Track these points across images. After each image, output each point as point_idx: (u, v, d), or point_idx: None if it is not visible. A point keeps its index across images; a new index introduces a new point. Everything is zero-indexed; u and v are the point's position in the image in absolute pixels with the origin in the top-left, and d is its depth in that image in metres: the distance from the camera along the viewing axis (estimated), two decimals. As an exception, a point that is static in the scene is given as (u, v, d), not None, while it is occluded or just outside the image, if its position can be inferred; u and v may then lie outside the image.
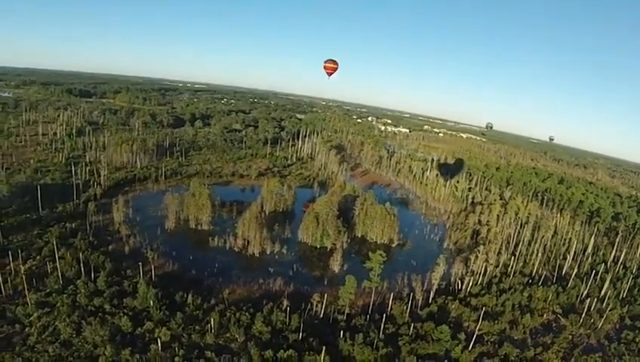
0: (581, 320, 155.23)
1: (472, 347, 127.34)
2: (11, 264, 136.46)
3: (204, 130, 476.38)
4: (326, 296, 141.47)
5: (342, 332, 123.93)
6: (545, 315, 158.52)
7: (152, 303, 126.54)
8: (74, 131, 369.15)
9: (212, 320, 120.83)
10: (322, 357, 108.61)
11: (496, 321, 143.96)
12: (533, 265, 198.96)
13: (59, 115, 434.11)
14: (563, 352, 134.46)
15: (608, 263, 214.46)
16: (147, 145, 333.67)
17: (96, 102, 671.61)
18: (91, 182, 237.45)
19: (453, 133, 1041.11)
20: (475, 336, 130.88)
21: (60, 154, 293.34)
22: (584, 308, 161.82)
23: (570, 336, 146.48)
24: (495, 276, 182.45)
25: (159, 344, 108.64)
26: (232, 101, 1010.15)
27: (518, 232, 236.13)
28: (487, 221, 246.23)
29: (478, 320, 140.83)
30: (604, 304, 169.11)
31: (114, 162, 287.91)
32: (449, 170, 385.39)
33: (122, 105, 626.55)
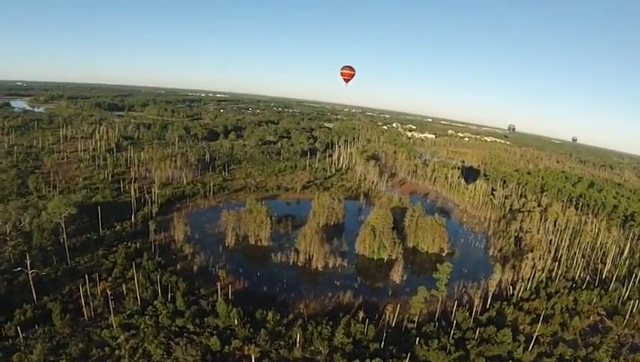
0: (625, 321, 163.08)
1: (531, 348, 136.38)
2: (87, 286, 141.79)
3: (239, 143, 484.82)
4: (392, 305, 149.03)
5: (417, 339, 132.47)
6: (591, 317, 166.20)
7: (235, 321, 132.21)
8: (113, 147, 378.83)
9: (297, 334, 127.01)
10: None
11: (548, 324, 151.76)
12: (575, 269, 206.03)
13: (94, 130, 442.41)
14: (612, 351, 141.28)
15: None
16: (189, 161, 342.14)
17: (127, 115, 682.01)
18: (142, 199, 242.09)
19: (477, 136, 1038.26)
20: (534, 339, 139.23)
21: (105, 171, 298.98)
22: (627, 309, 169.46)
23: (617, 336, 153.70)
24: (541, 281, 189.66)
25: (253, 360, 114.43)
26: (258, 111, 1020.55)
27: (558, 238, 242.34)
28: (529, 228, 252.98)
29: (532, 323, 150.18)
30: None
31: (158, 178, 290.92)
32: (482, 177, 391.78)
33: (154, 119, 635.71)
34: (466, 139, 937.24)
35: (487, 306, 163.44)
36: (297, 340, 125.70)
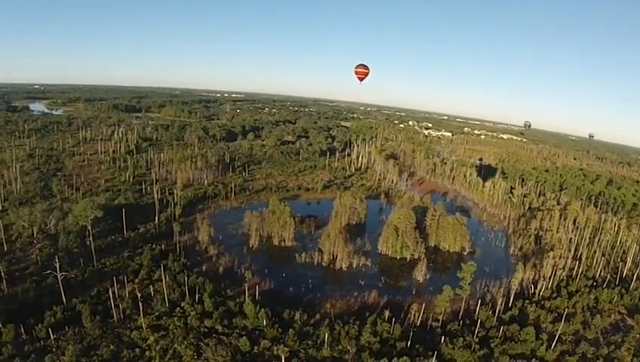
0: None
1: (554, 346, 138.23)
2: (115, 287, 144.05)
3: (258, 143, 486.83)
4: (418, 304, 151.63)
5: (442, 337, 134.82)
6: (612, 316, 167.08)
7: (264, 322, 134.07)
8: (132, 149, 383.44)
9: (325, 334, 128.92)
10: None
11: (570, 322, 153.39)
12: (595, 268, 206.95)
13: (113, 132, 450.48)
14: (634, 350, 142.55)
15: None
16: (209, 162, 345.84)
17: (145, 117, 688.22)
18: (164, 201, 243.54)
19: (493, 134, 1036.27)
20: (556, 337, 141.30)
21: (126, 173, 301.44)
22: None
23: (638, 335, 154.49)
24: (562, 280, 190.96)
25: (283, 360, 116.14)
26: (274, 110, 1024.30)
27: (578, 237, 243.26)
28: (549, 226, 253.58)
29: (554, 322, 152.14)
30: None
31: (180, 179, 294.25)
32: (500, 175, 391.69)
33: (172, 120, 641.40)
34: (483, 136, 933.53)
35: (510, 305, 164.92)
36: (325, 340, 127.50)
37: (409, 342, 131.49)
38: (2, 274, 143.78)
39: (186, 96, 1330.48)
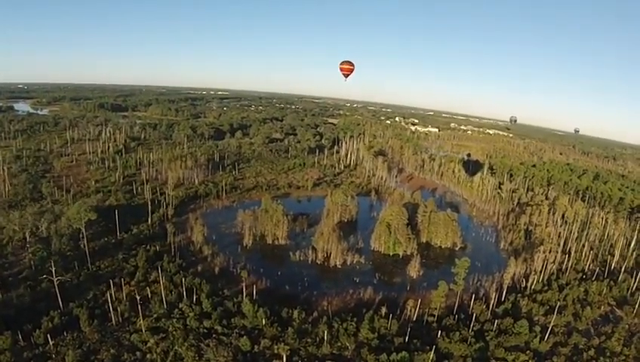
0: (635, 311, 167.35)
1: (547, 338, 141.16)
2: (112, 290, 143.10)
3: (246, 141, 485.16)
4: (413, 300, 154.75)
5: (439, 332, 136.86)
6: (602, 307, 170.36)
7: (263, 321, 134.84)
8: (121, 148, 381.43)
9: (323, 332, 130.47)
10: (431, 356, 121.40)
11: (561, 314, 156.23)
12: (584, 261, 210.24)
13: (100, 132, 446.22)
14: (623, 340, 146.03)
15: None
16: (199, 161, 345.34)
17: (132, 116, 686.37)
18: (155, 201, 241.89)
19: (480, 129, 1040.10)
20: (549, 329, 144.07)
21: (115, 173, 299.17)
22: (636, 299, 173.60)
23: (627, 326, 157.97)
24: (552, 273, 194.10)
25: (284, 359, 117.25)
26: (261, 107, 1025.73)
27: (567, 231, 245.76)
28: (539, 221, 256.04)
29: (546, 314, 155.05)
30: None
31: (171, 179, 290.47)
32: (489, 171, 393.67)
33: (159, 119, 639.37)
34: (469, 132, 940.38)
35: (503, 299, 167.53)
36: (324, 337, 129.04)
37: (406, 337, 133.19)
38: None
39: (173, 94, 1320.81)
